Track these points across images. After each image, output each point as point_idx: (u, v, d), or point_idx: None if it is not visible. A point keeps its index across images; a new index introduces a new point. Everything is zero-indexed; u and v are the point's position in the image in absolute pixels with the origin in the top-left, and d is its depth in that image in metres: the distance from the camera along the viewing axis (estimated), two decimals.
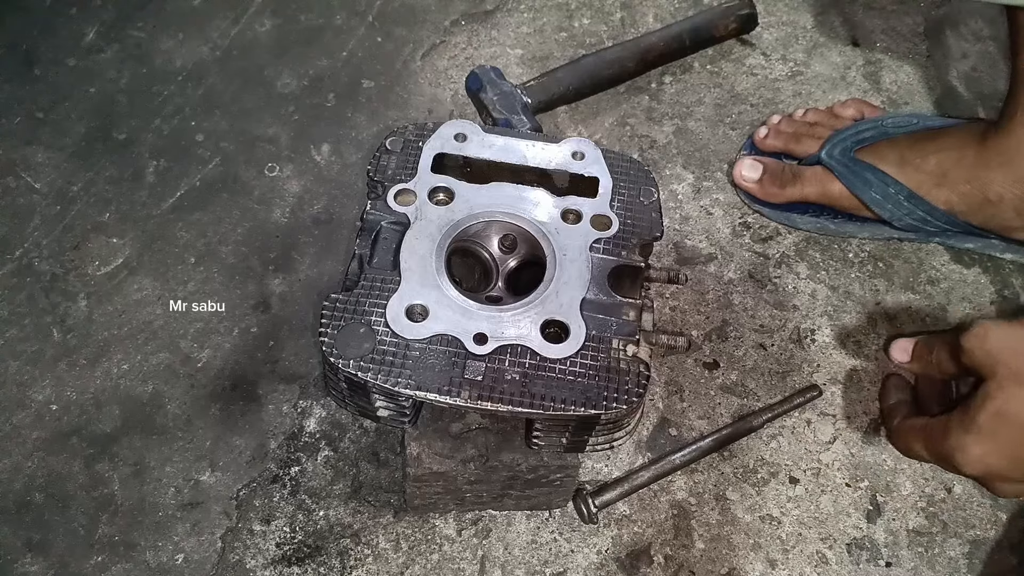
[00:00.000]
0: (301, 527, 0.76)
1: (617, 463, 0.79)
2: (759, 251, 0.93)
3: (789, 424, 0.82)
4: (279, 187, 0.97)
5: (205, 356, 0.85)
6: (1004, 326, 0.63)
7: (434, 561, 0.74)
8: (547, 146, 0.75)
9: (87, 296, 0.88)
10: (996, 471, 0.63)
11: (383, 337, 0.62)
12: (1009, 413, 0.61)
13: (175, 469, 0.78)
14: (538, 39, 1.11)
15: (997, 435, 0.62)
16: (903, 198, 0.86)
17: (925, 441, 0.68)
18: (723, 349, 0.86)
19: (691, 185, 0.98)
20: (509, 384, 0.61)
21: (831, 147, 0.90)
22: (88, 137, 1.01)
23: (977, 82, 1.07)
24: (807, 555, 0.75)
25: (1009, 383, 0.61)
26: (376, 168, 0.73)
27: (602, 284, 0.66)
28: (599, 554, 0.75)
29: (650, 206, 0.72)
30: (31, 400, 0.82)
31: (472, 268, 0.73)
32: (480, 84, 0.93)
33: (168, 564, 0.74)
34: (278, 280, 0.90)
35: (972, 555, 0.75)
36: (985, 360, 0.62)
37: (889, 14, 1.15)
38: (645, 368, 0.62)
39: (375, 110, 1.04)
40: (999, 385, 0.61)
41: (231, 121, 1.03)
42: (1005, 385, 0.61)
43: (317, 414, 0.82)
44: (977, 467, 0.63)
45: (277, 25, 1.12)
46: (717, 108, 1.05)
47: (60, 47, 1.08)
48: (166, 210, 0.95)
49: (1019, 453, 0.62)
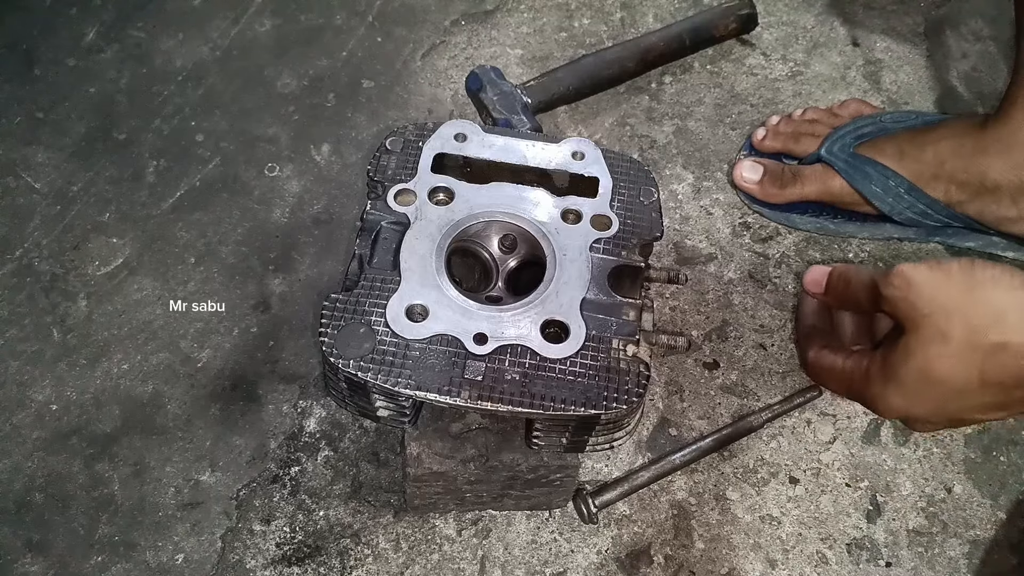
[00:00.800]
0: (301, 527, 0.76)
1: (617, 463, 0.79)
2: (759, 251, 0.93)
3: (789, 424, 0.82)
4: (279, 187, 0.97)
5: (205, 356, 0.85)
6: (925, 272, 0.59)
7: (434, 561, 0.74)
8: (547, 146, 0.75)
9: (87, 296, 0.88)
10: (917, 417, 0.64)
11: (383, 337, 0.62)
12: (933, 370, 0.59)
13: (175, 469, 0.78)
14: (538, 39, 1.11)
15: (919, 389, 0.61)
16: (903, 191, 0.86)
17: (844, 383, 0.67)
18: (723, 349, 0.86)
19: (691, 185, 0.98)
20: (509, 384, 0.61)
21: (831, 143, 0.91)
22: (88, 137, 1.01)
23: (977, 82, 1.07)
24: (807, 555, 0.75)
25: (934, 341, 0.58)
26: (376, 168, 0.73)
27: (602, 284, 0.66)
28: (599, 554, 0.75)
29: (650, 206, 0.72)
30: (31, 400, 0.82)
31: (472, 268, 0.73)
32: (480, 84, 0.94)
33: (168, 564, 0.74)
34: (278, 280, 0.90)
35: (972, 555, 0.75)
36: (908, 312, 0.60)
37: (889, 14, 1.15)
38: (645, 368, 0.62)
39: (375, 110, 1.04)
40: (922, 341, 0.59)
41: (231, 121, 1.03)
42: (929, 342, 0.59)
43: (317, 414, 0.82)
44: (898, 414, 0.64)
45: (277, 25, 1.12)
46: (717, 108, 1.05)
47: (60, 47, 1.08)
48: (166, 210, 0.95)
49: (942, 406, 0.61)
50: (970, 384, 0.58)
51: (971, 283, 0.58)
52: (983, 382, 0.58)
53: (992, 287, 0.58)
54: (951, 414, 0.62)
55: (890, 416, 0.64)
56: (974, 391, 0.59)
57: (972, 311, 0.57)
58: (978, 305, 0.57)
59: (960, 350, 0.58)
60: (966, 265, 0.59)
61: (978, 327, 0.57)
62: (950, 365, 0.58)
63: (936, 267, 0.60)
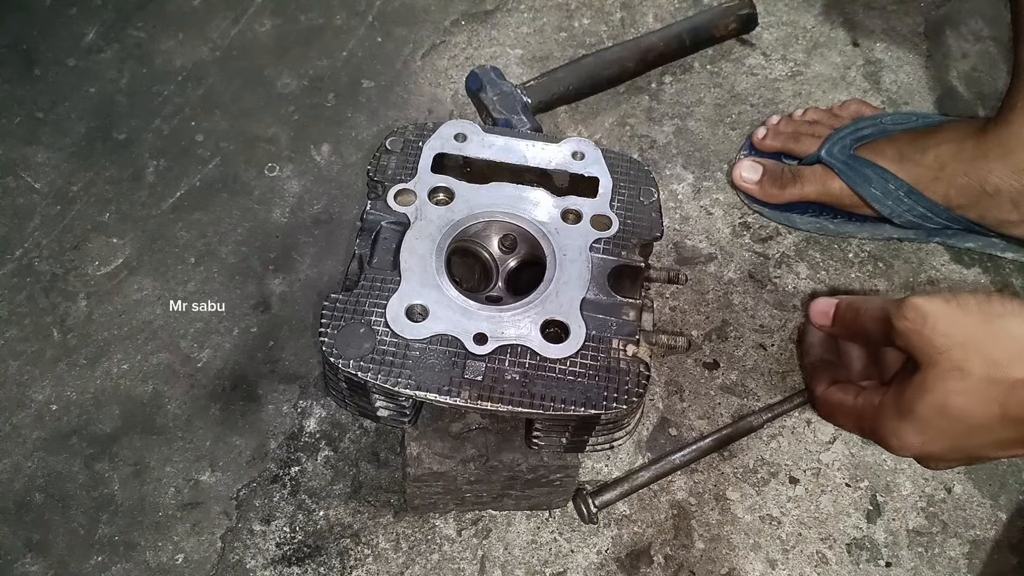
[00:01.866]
0: (301, 527, 0.76)
1: (617, 463, 0.79)
2: (759, 251, 0.93)
3: (789, 424, 0.82)
4: (279, 187, 0.97)
5: (205, 356, 0.85)
6: (940, 305, 0.58)
7: (434, 561, 0.74)
8: (547, 146, 0.75)
9: (87, 296, 0.88)
10: (932, 455, 0.62)
11: (383, 337, 0.62)
12: (951, 406, 0.57)
13: (175, 469, 0.78)
14: (538, 39, 1.11)
15: (935, 426, 0.59)
16: (903, 194, 0.86)
17: (855, 420, 0.65)
18: (723, 349, 0.86)
19: (691, 185, 0.98)
20: (509, 384, 0.61)
21: (831, 145, 0.90)
22: (88, 137, 1.01)
23: (977, 82, 1.07)
24: (807, 555, 0.75)
25: (951, 376, 0.57)
26: (376, 168, 0.73)
27: (602, 284, 0.66)
28: (599, 554, 0.75)
29: (650, 206, 0.72)
30: (31, 400, 0.82)
31: (472, 268, 0.73)
32: (480, 84, 0.93)
33: (168, 564, 0.74)
34: (278, 280, 0.90)
35: (972, 555, 0.75)
36: (922, 347, 0.58)
37: (889, 14, 1.15)
38: (645, 368, 0.62)
39: (375, 110, 1.04)
40: (939, 376, 0.57)
41: (231, 121, 1.03)
42: (947, 377, 0.57)
43: (317, 414, 0.82)
44: (913, 452, 0.62)
45: (277, 25, 1.12)
46: (717, 108, 1.05)
47: (60, 47, 1.08)
48: (166, 210, 0.95)
49: (960, 443, 0.60)
50: (990, 420, 0.57)
51: (989, 317, 0.56)
52: (1004, 418, 0.56)
53: (1011, 320, 0.56)
54: (969, 451, 0.60)
55: (904, 454, 0.62)
56: (994, 427, 0.57)
57: (991, 345, 0.56)
58: (998, 339, 0.56)
59: (980, 386, 0.56)
60: (982, 298, 0.57)
61: (999, 362, 0.55)
62: (969, 401, 0.57)
63: (951, 300, 0.58)
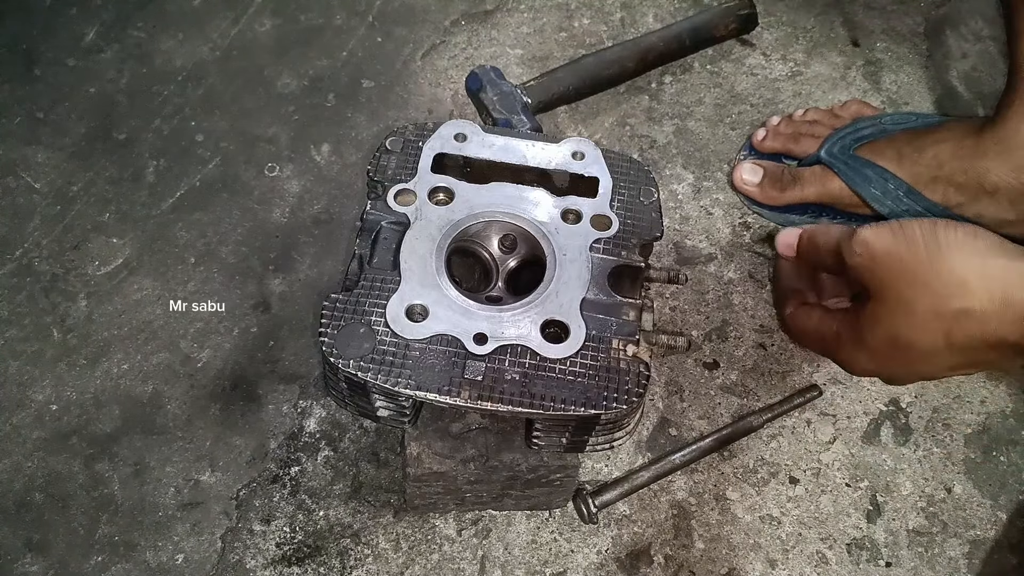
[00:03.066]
0: (301, 527, 0.76)
1: (617, 463, 0.79)
2: (759, 251, 0.93)
3: (789, 424, 0.82)
4: (279, 187, 0.97)
5: (205, 356, 0.85)
6: (888, 237, 0.60)
7: (434, 561, 0.74)
8: (547, 146, 0.75)
9: (87, 296, 0.88)
10: (887, 378, 0.69)
11: (383, 337, 0.62)
12: (899, 337, 0.61)
13: (175, 469, 0.78)
14: (538, 39, 1.11)
15: (887, 353, 0.63)
16: (902, 193, 0.86)
17: (817, 342, 0.69)
18: (723, 349, 0.86)
19: (691, 185, 0.98)
20: (509, 384, 0.61)
21: (830, 145, 0.91)
22: (88, 137, 1.01)
23: (977, 82, 1.07)
24: (807, 555, 0.75)
25: (898, 309, 0.60)
26: (376, 168, 0.73)
27: (602, 284, 0.66)
28: (599, 554, 0.75)
29: (650, 206, 0.72)
30: (31, 400, 0.82)
31: (472, 268, 0.73)
32: (480, 84, 0.93)
33: (168, 564, 0.74)
34: (278, 280, 0.90)
35: (972, 555, 0.75)
36: (871, 279, 0.61)
37: (889, 14, 1.15)
38: (645, 368, 0.62)
39: (375, 110, 1.04)
40: (888, 309, 0.61)
41: (231, 121, 1.03)
42: (894, 310, 0.60)
43: (317, 414, 0.82)
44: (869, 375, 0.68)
45: (277, 25, 1.12)
46: (717, 108, 1.05)
47: (60, 47, 1.08)
48: (166, 210, 0.95)
49: (911, 367, 0.63)
50: (937, 348, 0.60)
51: (934, 248, 0.59)
52: (949, 346, 0.59)
53: (955, 252, 0.58)
54: (922, 373, 0.65)
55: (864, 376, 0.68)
56: (941, 354, 0.60)
57: (934, 279, 0.58)
58: (940, 273, 0.58)
59: (924, 318, 0.59)
60: (928, 228, 0.59)
61: (941, 295, 0.58)
62: (915, 332, 0.60)
63: (898, 231, 0.60)
